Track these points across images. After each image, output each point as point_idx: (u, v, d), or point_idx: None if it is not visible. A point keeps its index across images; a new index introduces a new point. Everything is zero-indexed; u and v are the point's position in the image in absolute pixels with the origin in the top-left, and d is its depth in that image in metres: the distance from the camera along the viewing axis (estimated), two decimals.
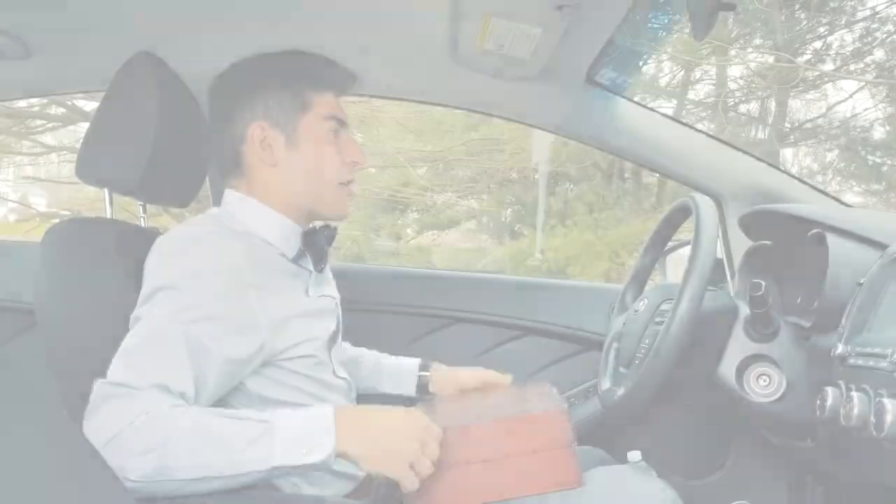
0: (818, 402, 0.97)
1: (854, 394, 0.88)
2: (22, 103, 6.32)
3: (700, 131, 1.68)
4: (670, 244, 1.55)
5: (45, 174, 7.71)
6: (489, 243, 7.93)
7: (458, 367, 1.34)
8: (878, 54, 6.34)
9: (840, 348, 0.96)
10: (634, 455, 1.35)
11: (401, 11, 1.34)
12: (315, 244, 1.13)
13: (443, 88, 1.65)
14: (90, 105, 6.00)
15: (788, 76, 6.32)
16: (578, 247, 6.65)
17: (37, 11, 1.33)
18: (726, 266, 1.70)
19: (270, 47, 1.19)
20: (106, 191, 1.25)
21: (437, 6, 1.27)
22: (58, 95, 5.46)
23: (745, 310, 1.21)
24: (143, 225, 1.37)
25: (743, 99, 7.11)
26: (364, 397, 1.33)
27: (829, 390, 0.95)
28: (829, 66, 6.53)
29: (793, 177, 1.63)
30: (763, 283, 1.12)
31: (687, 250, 1.20)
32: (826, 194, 1.60)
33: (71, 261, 1.10)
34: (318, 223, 1.18)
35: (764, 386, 1.17)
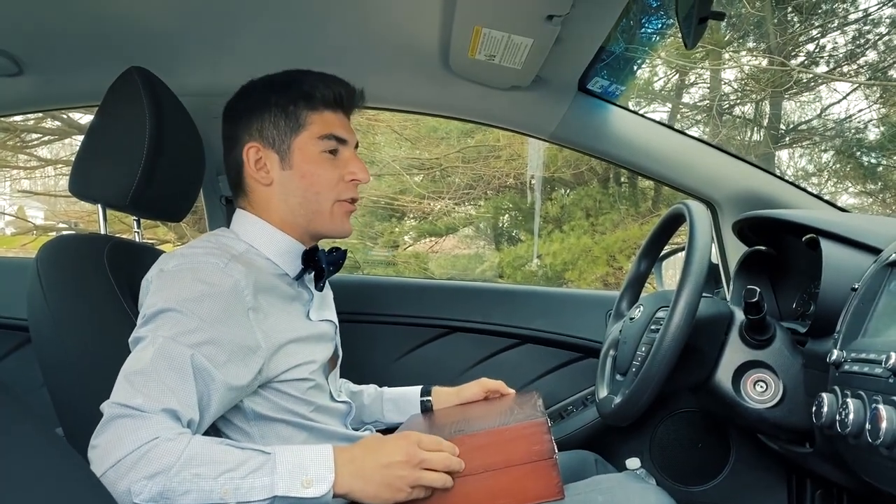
0: (814, 408, 0.97)
1: (850, 400, 0.88)
2: (17, 117, 6.31)
3: (693, 137, 1.68)
4: (665, 250, 1.55)
5: (41, 187, 7.71)
6: (487, 249, 7.93)
7: (460, 386, 1.34)
8: (871, 56, 6.37)
9: (835, 354, 0.96)
10: (633, 462, 1.35)
11: (393, 23, 1.34)
12: (316, 262, 1.14)
13: (436, 99, 1.66)
14: (86, 118, 6.00)
15: (782, 79, 6.34)
16: (576, 251, 6.65)
17: (29, 29, 1.33)
18: (721, 272, 1.70)
19: (263, 60, 1.20)
20: (100, 206, 1.25)
21: (429, 18, 1.27)
22: (51, 111, 5.46)
23: (740, 316, 1.21)
24: (137, 240, 1.37)
25: (737, 102, 7.12)
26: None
27: (825, 396, 0.95)
28: (822, 69, 6.55)
29: (787, 181, 1.63)
30: (758, 290, 1.12)
31: (682, 256, 1.20)
32: (820, 198, 1.61)
33: (65, 277, 1.10)
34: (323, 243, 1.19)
35: (760, 392, 1.17)
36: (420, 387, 1.37)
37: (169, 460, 0.81)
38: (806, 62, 6.56)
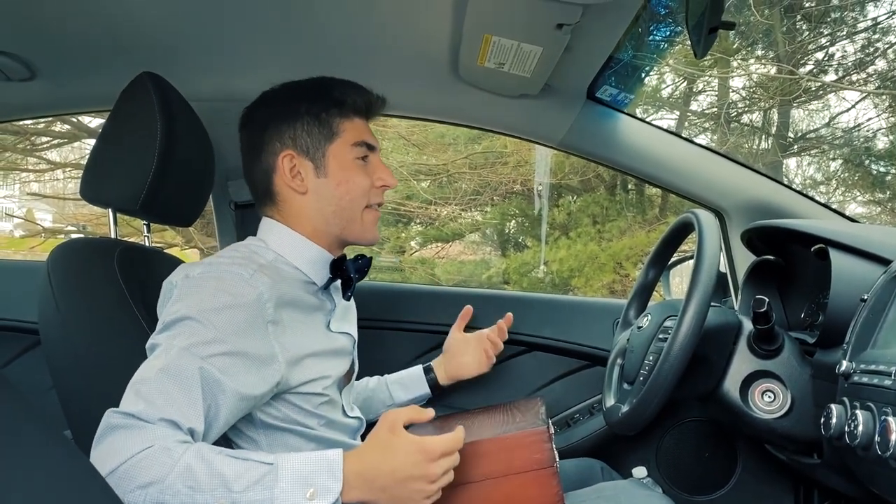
0: (823, 419, 0.97)
1: (859, 412, 0.87)
2: (27, 120, 6.36)
3: (702, 146, 1.68)
4: (673, 258, 1.55)
5: (50, 190, 7.76)
6: (493, 255, 7.93)
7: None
8: (881, 64, 6.35)
9: (844, 365, 0.96)
10: (640, 471, 1.35)
11: (402, 31, 1.35)
12: (344, 272, 1.14)
13: (444, 106, 1.66)
14: (96, 122, 6.04)
15: (790, 87, 6.33)
16: (582, 258, 6.64)
17: (41, 34, 1.34)
18: (730, 281, 1.70)
19: (274, 67, 1.20)
20: (110, 211, 1.26)
21: (439, 25, 1.28)
22: (63, 115, 5.50)
23: (748, 325, 1.21)
24: (147, 244, 1.37)
25: (745, 110, 7.11)
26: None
27: (834, 408, 0.95)
28: (831, 77, 6.54)
29: (795, 191, 1.63)
30: (766, 300, 1.12)
31: (690, 264, 1.20)
32: (829, 208, 1.60)
33: (75, 281, 1.11)
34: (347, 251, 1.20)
35: (769, 402, 1.17)
36: (420, 366, 1.45)
37: (162, 470, 0.79)
38: (815, 70, 6.55)
